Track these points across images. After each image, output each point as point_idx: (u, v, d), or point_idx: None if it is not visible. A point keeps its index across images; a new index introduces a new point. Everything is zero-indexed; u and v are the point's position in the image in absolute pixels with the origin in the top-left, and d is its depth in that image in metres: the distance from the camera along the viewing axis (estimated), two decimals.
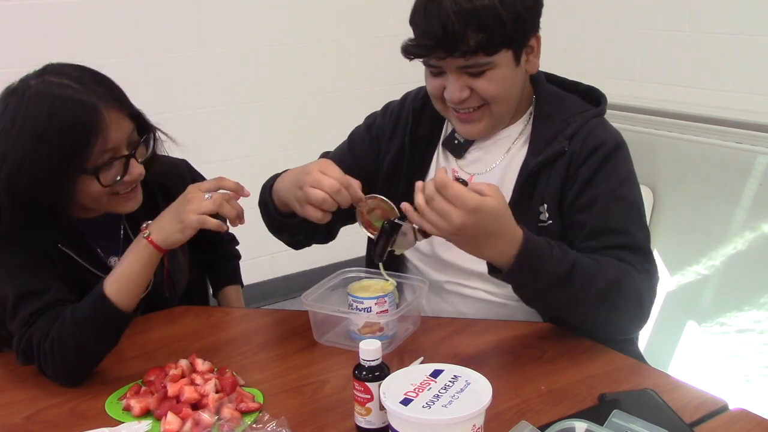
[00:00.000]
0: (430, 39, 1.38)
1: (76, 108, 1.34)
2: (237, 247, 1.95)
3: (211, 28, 3.14)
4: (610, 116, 1.55)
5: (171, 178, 1.62)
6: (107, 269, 1.42)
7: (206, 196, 1.35)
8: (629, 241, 1.41)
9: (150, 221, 1.38)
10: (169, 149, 1.56)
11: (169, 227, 1.35)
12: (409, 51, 1.42)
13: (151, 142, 1.46)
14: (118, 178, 1.40)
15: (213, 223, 1.34)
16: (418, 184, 1.26)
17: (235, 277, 1.91)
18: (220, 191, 1.37)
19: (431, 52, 1.40)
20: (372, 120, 1.69)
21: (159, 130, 1.50)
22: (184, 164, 1.76)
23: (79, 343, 1.31)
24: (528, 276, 1.29)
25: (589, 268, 1.33)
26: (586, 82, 1.58)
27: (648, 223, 2.80)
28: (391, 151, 1.62)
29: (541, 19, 1.46)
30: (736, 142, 2.61)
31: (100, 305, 1.32)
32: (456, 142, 1.57)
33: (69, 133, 1.34)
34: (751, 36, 2.66)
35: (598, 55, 3.15)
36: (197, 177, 1.77)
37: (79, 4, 2.85)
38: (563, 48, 3.15)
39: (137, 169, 1.42)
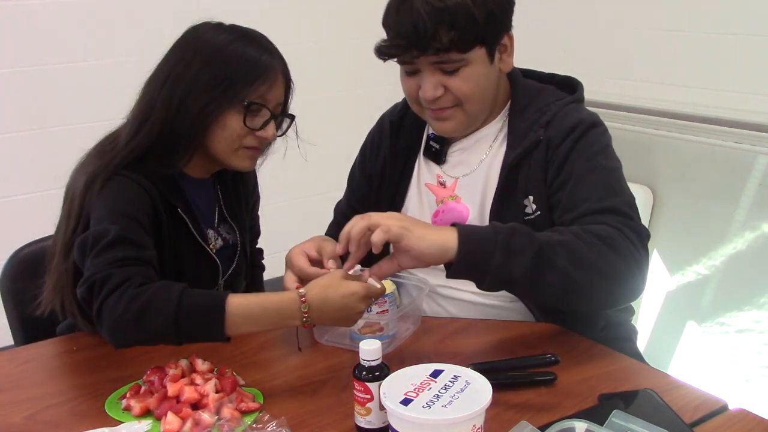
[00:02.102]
0: (402, 39, 1.38)
1: (259, 48, 1.46)
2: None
3: None
4: (611, 116, 1.56)
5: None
6: (206, 240, 1.53)
7: (369, 310, 1.35)
8: (607, 205, 1.36)
9: (305, 290, 1.28)
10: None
11: (327, 322, 1.31)
12: (383, 51, 1.43)
13: (287, 124, 1.55)
14: (257, 128, 1.46)
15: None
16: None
17: (261, 285, 1.92)
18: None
19: (404, 52, 1.40)
20: (362, 153, 1.72)
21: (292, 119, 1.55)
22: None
23: (166, 320, 1.26)
24: (474, 267, 1.24)
25: (555, 245, 1.26)
26: (585, 82, 1.58)
27: (648, 223, 2.80)
28: (377, 167, 1.65)
29: (541, 20, 1.47)
30: (736, 142, 2.60)
31: (213, 312, 1.26)
32: (433, 149, 1.58)
33: (243, 62, 1.44)
34: (751, 36, 2.66)
35: (598, 55, 3.15)
36: (256, 186, 1.79)
37: (79, 4, 2.85)
38: (563, 48, 3.15)
39: (272, 131, 1.50)
